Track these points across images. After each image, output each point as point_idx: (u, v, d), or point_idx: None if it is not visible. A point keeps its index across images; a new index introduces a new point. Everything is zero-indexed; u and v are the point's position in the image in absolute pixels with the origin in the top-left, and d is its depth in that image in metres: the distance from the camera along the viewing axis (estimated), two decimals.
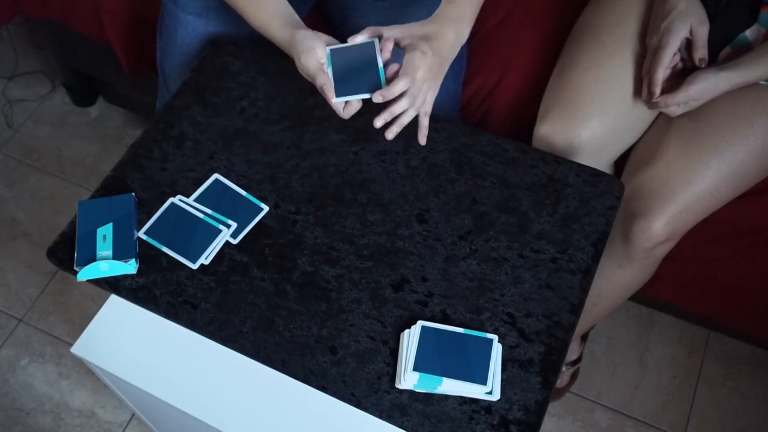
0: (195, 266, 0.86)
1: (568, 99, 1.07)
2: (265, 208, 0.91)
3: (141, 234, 0.88)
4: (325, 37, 0.91)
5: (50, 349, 1.52)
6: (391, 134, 0.91)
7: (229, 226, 0.89)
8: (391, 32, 0.91)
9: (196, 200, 0.91)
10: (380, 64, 0.90)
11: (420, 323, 0.82)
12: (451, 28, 0.92)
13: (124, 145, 1.80)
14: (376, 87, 0.88)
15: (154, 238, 0.88)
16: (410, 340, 0.80)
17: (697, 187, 1.02)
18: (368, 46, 0.91)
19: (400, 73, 0.88)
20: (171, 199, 0.91)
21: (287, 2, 0.96)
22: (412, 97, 0.89)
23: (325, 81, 0.88)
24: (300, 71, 0.92)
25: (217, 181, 0.93)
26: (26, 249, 1.66)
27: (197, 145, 0.97)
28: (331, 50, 0.91)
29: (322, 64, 0.90)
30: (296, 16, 0.96)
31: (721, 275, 1.24)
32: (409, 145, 0.97)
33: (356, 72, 0.89)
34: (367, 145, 0.97)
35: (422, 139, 0.94)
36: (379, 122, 0.89)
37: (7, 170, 1.79)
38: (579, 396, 1.46)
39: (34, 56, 1.99)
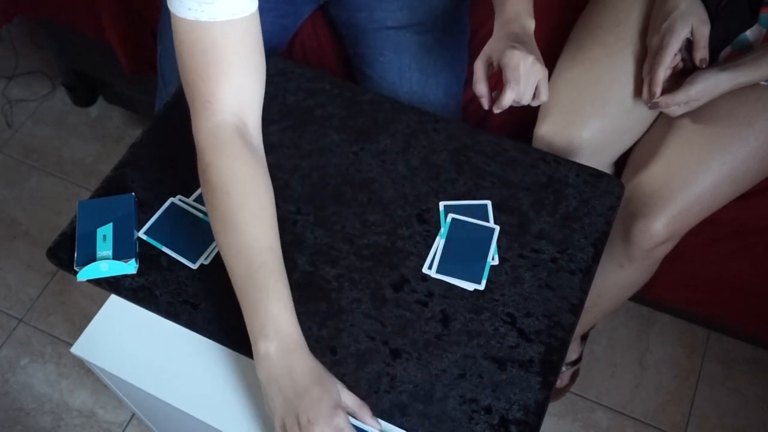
0: (195, 266, 0.86)
1: (569, 99, 1.07)
2: None
3: (141, 234, 0.88)
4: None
5: (50, 349, 1.52)
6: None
7: None
8: (479, 65, 0.91)
9: (196, 200, 0.91)
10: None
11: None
12: (517, 27, 0.92)
13: (124, 145, 1.80)
14: None
15: (154, 238, 0.88)
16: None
17: (697, 187, 1.02)
18: None
19: (504, 81, 0.87)
20: (171, 199, 0.91)
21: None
22: (519, 94, 0.89)
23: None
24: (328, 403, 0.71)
25: None
26: (26, 249, 1.66)
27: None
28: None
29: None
30: None
31: (721, 275, 1.24)
32: (409, 145, 0.97)
33: None
34: (367, 145, 0.97)
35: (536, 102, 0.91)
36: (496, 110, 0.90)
37: (7, 170, 1.79)
38: (579, 396, 1.46)
39: (34, 56, 1.99)
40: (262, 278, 0.74)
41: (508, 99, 0.88)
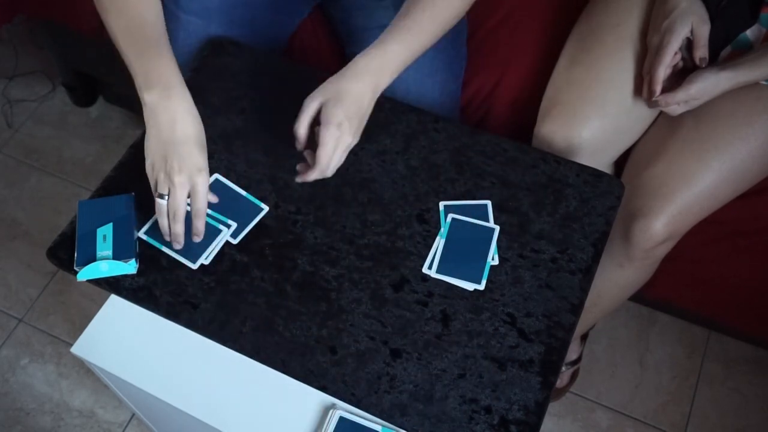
0: (195, 266, 0.86)
1: (569, 98, 1.07)
2: (265, 208, 0.91)
3: (141, 234, 0.88)
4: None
5: (50, 349, 1.52)
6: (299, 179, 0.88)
7: (229, 226, 0.89)
8: (309, 107, 0.86)
9: None
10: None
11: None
12: (369, 83, 0.86)
13: (124, 145, 1.80)
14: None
15: (154, 238, 0.88)
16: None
17: (697, 187, 1.02)
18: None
19: (317, 157, 0.85)
20: None
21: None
22: (322, 172, 0.87)
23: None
24: (173, 170, 0.81)
25: (217, 181, 0.93)
26: (26, 249, 1.66)
27: None
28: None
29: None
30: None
31: (722, 275, 1.23)
32: (409, 145, 0.97)
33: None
34: (367, 145, 0.97)
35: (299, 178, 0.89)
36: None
37: (7, 170, 1.79)
38: (579, 396, 1.46)
39: (34, 56, 1.99)
40: (146, 46, 0.85)
41: (311, 178, 0.87)
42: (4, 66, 1.97)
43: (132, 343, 0.86)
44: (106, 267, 0.85)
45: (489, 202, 0.92)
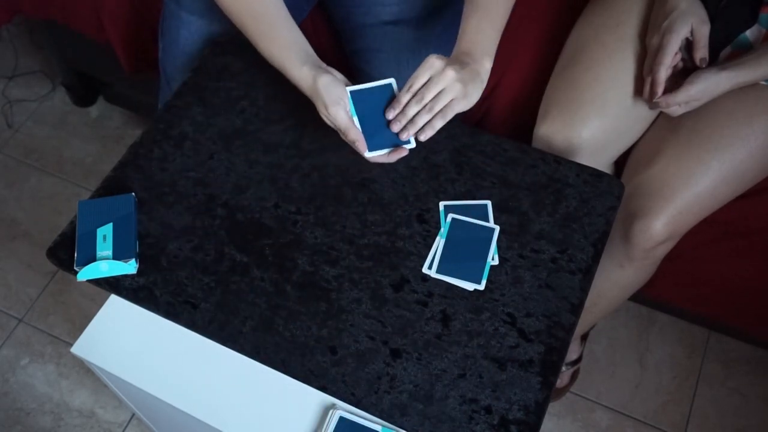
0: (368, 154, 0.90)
1: (569, 98, 1.08)
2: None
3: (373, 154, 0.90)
4: (343, 79, 0.91)
5: (50, 349, 1.52)
6: (405, 134, 0.88)
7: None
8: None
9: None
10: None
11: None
12: (466, 60, 0.89)
13: (124, 145, 1.80)
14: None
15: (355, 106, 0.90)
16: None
17: (697, 187, 1.02)
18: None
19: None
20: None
21: (301, 34, 0.94)
22: (421, 98, 0.87)
23: (357, 137, 0.88)
24: (324, 119, 0.91)
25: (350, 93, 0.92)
26: (26, 249, 1.66)
27: (197, 145, 0.97)
28: (351, 93, 0.90)
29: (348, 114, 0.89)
30: (311, 50, 0.94)
31: (721, 275, 1.23)
32: None
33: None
34: None
35: (422, 136, 0.90)
36: (396, 126, 0.88)
37: (7, 170, 1.79)
38: (579, 396, 1.47)
39: (34, 56, 1.99)
40: (274, 35, 0.93)
41: (402, 100, 0.88)
42: (4, 66, 1.97)
43: (132, 343, 0.86)
44: (106, 267, 0.85)
45: (489, 202, 0.92)
